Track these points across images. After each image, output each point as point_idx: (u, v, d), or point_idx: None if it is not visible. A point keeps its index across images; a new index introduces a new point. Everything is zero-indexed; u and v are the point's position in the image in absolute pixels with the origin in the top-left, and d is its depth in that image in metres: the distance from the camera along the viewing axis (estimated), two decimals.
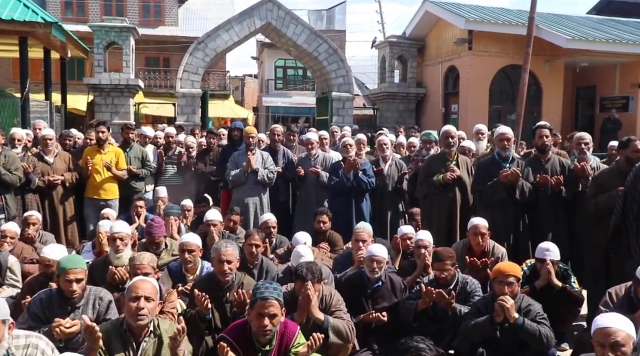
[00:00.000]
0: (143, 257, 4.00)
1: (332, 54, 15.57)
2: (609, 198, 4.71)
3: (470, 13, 15.44)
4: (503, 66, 15.15)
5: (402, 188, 6.50)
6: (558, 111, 15.53)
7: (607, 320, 2.87)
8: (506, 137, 5.35)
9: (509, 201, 5.22)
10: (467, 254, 4.77)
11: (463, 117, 15.02)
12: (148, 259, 3.99)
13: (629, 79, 15.49)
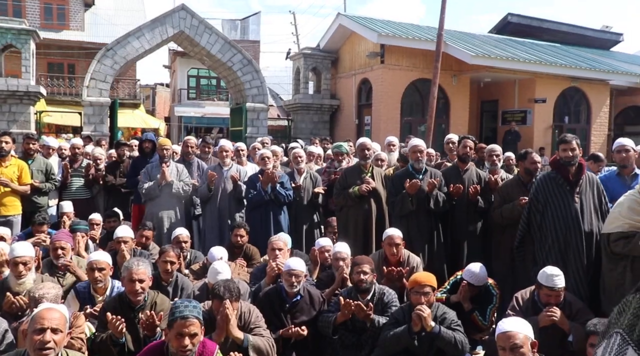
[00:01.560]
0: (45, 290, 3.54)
1: (247, 64, 15.47)
2: (512, 207, 4.98)
3: (383, 28, 15.91)
4: (414, 79, 15.71)
5: (317, 201, 6.52)
6: (464, 123, 16.30)
7: (507, 325, 3.10)
8: (419, 149, 5.51)
9: (423, 211, 5.38)
10: (383, 264, 4.85)
11: (376, 128, 15.39)
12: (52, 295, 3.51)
13: (527, 94, 16.59)
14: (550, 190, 4.54)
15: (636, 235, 3.98)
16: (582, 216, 4.45)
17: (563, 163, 4.53)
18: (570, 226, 4.43)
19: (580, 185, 4.52)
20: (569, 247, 4.43)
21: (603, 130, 17.93)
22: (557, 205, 4.49)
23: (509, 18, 21.63)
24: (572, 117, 17.67)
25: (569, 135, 4.63)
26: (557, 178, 4.55)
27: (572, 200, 4.48)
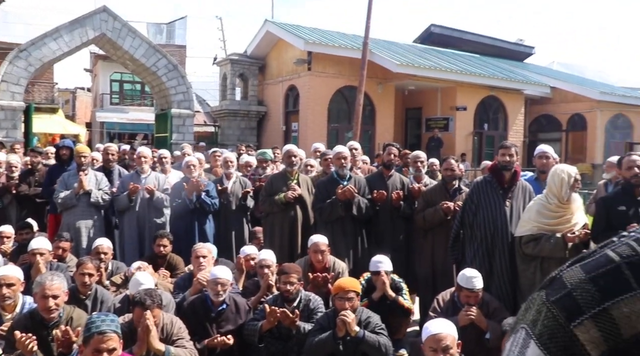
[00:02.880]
0: None
1: (172, 69, 15.14)
2: (434, 212, 5.16)
3: (310, 35, 16.07)
4: (340, 87, 15.95)
5: (246, 205, 6.47)
6: (390, 130, 16.71)
7: (436, 327, 3.17)
8: (343, 155, 5.59)
9: (348, 217, 5.45)
10: (309, 271, 4.88)
11: (303, 134, 15.49)
12: None
13: (449, 102, 17.25)
14: (485, 193, 4.75)
15: (543, 237, 4.22)
16: (511, 220, 4.67)
17: (500, 168, 4.74)
18: (498, 228, 4.64)
19: (513, 190, 4.75)
20: (495, 248, 4.64)
21: (519, 136, 18.90)
22: (489, 208, 4.70)
23: (432, 29, 22.43)
24: (491, 124, 18.53)
25: (508, 142, 4.91)
26: (493, 182, 4.78)
27: (503, 204, 4.70)
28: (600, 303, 0.54)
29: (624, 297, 0.54)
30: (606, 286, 0.55)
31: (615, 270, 0.56)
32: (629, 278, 0.55)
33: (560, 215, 4.30)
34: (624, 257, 0.57)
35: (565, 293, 0.57)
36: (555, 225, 4.28)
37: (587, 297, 0.55)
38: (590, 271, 0.57)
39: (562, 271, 0.60)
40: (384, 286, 4.55)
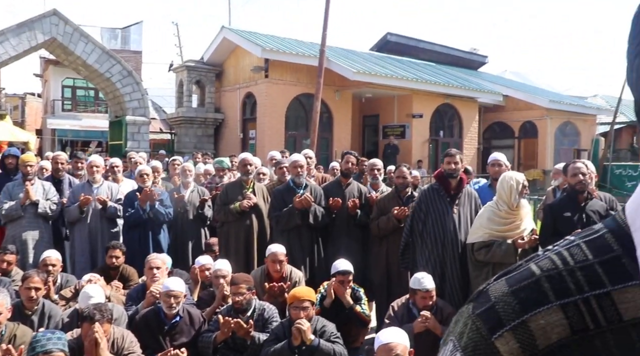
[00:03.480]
0: None
1: (127, 75, 14.87)
2: (387, 219, 5.21)
3: (267, 42, 16.05)
4: (298, 94, 15.98)
5: (204, 214, 6.39)
6: (347, 137, 16.82)
7: (387, 337, 3.21)
8: (299, 164, 5.59)
9: (305, 225, 5.45)
10: (266, 280, 4.84)
11: (261, 142, 15.44)
12: None
13: (405, 109, 17.50)
14: (432, 201, 4.83)
15: (495, 244, 4.32)
16: (460, 226, 4.76)
17: (446, 176, 4.82)
18: (447, 235, 4.72)
19: (459, 197, 4.84)
20: (446, 255, 4.72)
21: (473, 143, 19.33)
22: (437, 215, 4.77)
23: (389, 37, 22.75)
24: (446, 131, 18.90)
25: (453, 150, 4.96)
26: (440, 190, 4.86)
27: (450, 211, 4.78)
28: (520, 316, 0.55)
29: (541, 309, 0.55)
30: (526, 299, 0.56)
31: (536, 283, 0.57)
32: (547, 291, 0.56)
33: (510, 221, 4.41)
34: (544, 270, 0.58)
35: (489, 306, 0.58)
36: (506, 231, 4.39)
37: (508, 310, 0.56)
38: (513, 284, 0.58)
39: (489, 284, 0.61)
40: (341, 294, 4.57)
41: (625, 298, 0.55)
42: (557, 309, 0.55)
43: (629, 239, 0.58)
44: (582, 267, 0.57)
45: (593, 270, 0.57)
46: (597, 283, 0.56)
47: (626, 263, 0.57)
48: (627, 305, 0.54)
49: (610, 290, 0.55)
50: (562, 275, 0.57)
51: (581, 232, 0.63)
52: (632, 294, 0.55)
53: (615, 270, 0.56)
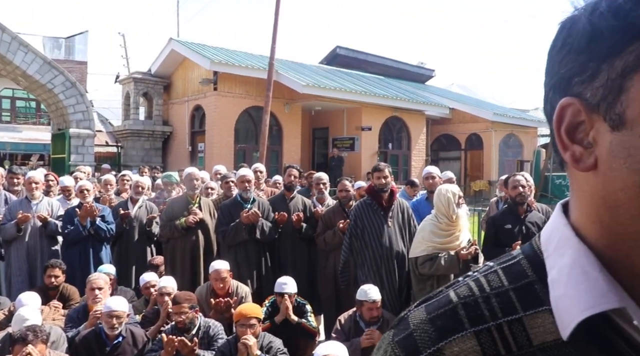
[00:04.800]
0: None
1: (70, 86, 14.46)
2: (333, 234, 5.25)
3: (216, 55, 15.95)
4: (247, 107, 15.93)
5: (151, 231, 6.26)
6: (297, 150, 16.85)
7: (325, 351, 3.24)
8: (247, 179, 5.56)
9: (251, 240, 5.42)
10: (212, 296, 4.78)
11: (209, 155, 15.28)
12: None
13: (354, 122, 17.70)
14: (367, 215, 4.89)
15: (438, 256, 4.41)
16: (394, 238, 4.84)
17: (377, 190, 4.89)
18: (383, 248, 4.79)
19: (392, 210, 4.92)
20: (382, 267, 4.78)
21: (422, 155, 19.72)
22: (373, 229, 4.84)
23: (338, 50, 23.00)
24: (395, 143, 19.21)
25: (382, 164, 5.02)
26: (372, 204, 4.92)
27: (385, 223, 4.85)
28: (435, 343, 0.57)
29: (456, 337, 0.57)
30: (442, 326, 0.58)
31: (452, 311, 0.59)
32: (463, 318, 0.58)
33: (450, 233, 4.52)
34: (461, 297, 0.60)
35: (408, 334, 0.60)
36: (447, 242, 4.49)
37: (424, 337, 0.58)
38: (431, 311, 0.60)
39: (410, 311, 0.63)
40: (287, 310, 4.55)
41: (536, 323, 0.57)
42: (471, 336, 0.57)
43: (542, 265, 0.60)
44: (497, 294, 0.60)
45: (507, 296, 0.59)
46: (510, 309, 0.58)
47: (538, 289, 0.59)
48: (536, 330, 0.57)
49: (522, 316, 0.57)
50: (478, 302, 0.59)
51: (500, 258, 0.65)
52: (542, 319, 0.57)
53: (528, 296, 0.59)
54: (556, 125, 0.59)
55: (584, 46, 0.55)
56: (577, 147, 0.57)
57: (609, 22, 0.53)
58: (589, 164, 0.56)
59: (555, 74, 0.59)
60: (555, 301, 0.57)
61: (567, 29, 0.58)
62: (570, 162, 0.58)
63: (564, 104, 0.57)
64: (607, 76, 0.54)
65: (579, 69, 0.56)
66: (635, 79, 0.52)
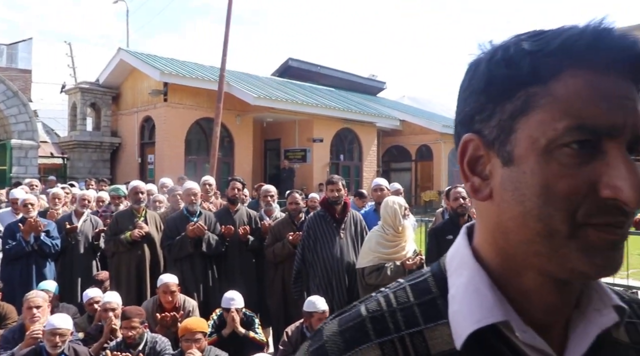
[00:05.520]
0: None
1: (12, 96, 14.01)
2: (282, 246, 5.29)
3: (166, 66, 15.77)
4: (198, 118, 15.80)
5: (98, 245, 6.13)
6: (249, 161, 16.81)
7: None
8: (193, 192, 5.54)
9: (198, 254, 5.39)
10: (158, 311, 4.73)
11: (160, 167, 15.05)
12: None
13: (306, 134, 17.81)
14: (320, 227, 4.96)
15: (385, 267, 4.51)
16: (346, 250, 4.92)
17: (330, 203, 4.97)
18: (334, 259, 4.86)
19: (345, 222, 5.01)
20: (333, 277, 4.85)
21: (373, 166, 19.99)
22: (325, 241, 4.91)
23: (290, 62, 23.12)
24: (347, 155, 19.42)
25: (335, 177, 5.11)
26: (325, 216, 5.00)
27: (337, 235, 4.93)
28: (343, 353, 0.63)
29: (362, 347, 0.63)
30: (350, 338, 0.64)
31: (361, 324, 0.65)
32: (370, 330, 0.64)
33: (397, 244, 4.63)
34: (370, 311, 0.66)
35: (320, 345, 0.65)
36: (393, 253, 4.59)
37: (334, 348, 0.64)
38: (342, 324, 0.66)
39: (326, 323, 0.69)
40: (234, 323, 4.56)
41: (435, 335, 0.63)
42: (375, 347, 0.62)
43: (445, 283, 0.67)
44: (402, 308, 0.66)
45: (412, 311, 0.66)
46: (413, 322, 0.64)
47: (440, 304, 0.65)
48: (435, 340, 0.63)
49: (424, 328, 0.64)
50: (384, 316, 0.65)
51: (410, 276, 0.72)
52: (440, 331, 0.63)
53: (430, 310, 0.65)
54: (459, 157, 0.66)
55: (483, 88, 0.62)
56: (476, 178, 0.65)
57: (502, 70, 0.60)
58: (486, 194, 0.64)
59: (461, 110, 0.66)
60: (452, 315, 0.63)
61: (472, 71, 0.65)
62: (470, 191, 0.66)
63: (466, 139, 0.65)
64: (500, 117, 0.61)
65: (479, 108, 0.63)
66: (522, 122, 0.59)
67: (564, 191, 0.57)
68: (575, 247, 0.57)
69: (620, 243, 0.59)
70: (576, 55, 0.58)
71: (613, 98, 0.57)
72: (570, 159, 0.57)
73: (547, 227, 0.58)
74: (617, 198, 0.56)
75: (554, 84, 0.58)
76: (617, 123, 0.57)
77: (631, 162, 0.57)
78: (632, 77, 0.59)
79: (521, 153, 0.59)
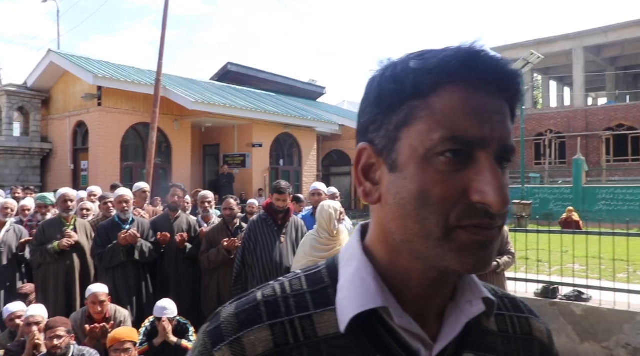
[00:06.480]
0: None
1: None
2: (217, 252, 5.24)
3: (100, 69, 15.30)
4: (134, 123, 15.41)
5: (23, 256, 5.85)
6: (187, 167, 16.53)
7: None
8: (125, 199, 5.40)
9: (130, 262, 5.26)
10: (87, 322, 4.57)
11: (94, 173, 14.56)
12: None
13: (245, 139, 17.71)
14: (261, 230, 4.95)
15: None
16: (286, 254, 4.93)
17: (275, 211, 4.98)
18: (274, 262, 4.86)
19: (286, 226, 5.02)
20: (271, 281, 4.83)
21: (313, 171, 20.09)
22: (265, 244, 4.90)
23: (229, 67, 22.93)
24: (286, 160, 19.43)
25: (283, 185, 5.08)
26: (268, 220, 5.00)
27: (278, 240, 4.93)
28: (236, 333, 0.68)
29: (254, 328, 0.68)
30: (244, 319, 0.69)
31: (255, 307, 0.70)
32: (263, 313, 0.70)
33: (331, 247, 4.67)
34: (265, 296, 0.72)
35: (217, 325, 0.70)
36: (327, 257, 4.63)
37: (229, 328, 0.68)
38: (239, 307, 0.71)
39: (225, 307, 0.73)
40: (165, 332, 4.47)
41: (323, 319, 0.70)
42: (266, 328, 0.68)
43: (337, 273, 0.74)
44: (295, 295, 0.72)
45: (303, 297, 0.72)
46: (303, 307, 0.71)
47: (330, 292, 0.72)
48: (323, 324, 0.69)
49: (313, 313, 0.70)
50: (278, 300, 0.71)
51: (308, 268, 0.78)
52: (328, 316, 0.70)
53: (321, 297, 0.72)
54: (355, 164, 0.72)
55: (375, 102, 0.69)
56: (368, 183, 0.71)
57: (390, 85, 0.67)
58: (375, 198, 0.70)
59: (360, 121, 0.72)
60: (339, 301, 0.70)
61: (369, 85, 0.71)
62: (362, 195, 0.72)
63: (360, 148, 0.71)
64: (387, 128, 0.67)
65: (372, 119, 0.69)
66: (404, 133, 0.66)
67: (438, 196, 0.63)
68: (448, 247, 0.63)
69: (490, 243, 0.64)
70: (451, 73, 0.64)
71: (483, 113, 0.64)
72: (445, 167, 0.63)
73: (423, 229, 0.64)
74: (484, 202, 0.62)
75: (433, 98, 0.64)
76: (485, 135, 0.63)
77: (496, 170, 0.63)
78: (501, 93, 0.66)
79: (403, 161, 0.65)
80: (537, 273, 6.16)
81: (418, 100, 0.65)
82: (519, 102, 0.69)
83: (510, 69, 0.66)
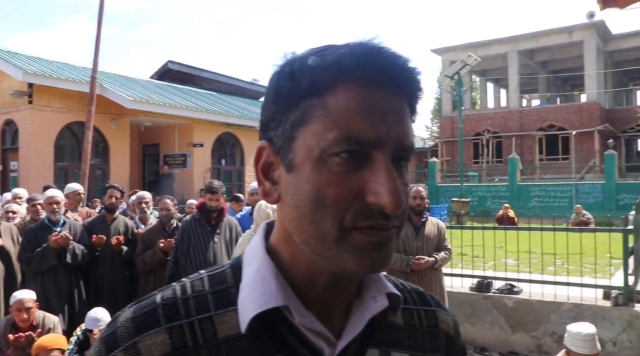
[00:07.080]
0: None
1: None
2: (153, 253, 5.12)
3: (30, 65, 14.67)
4: (68, 122, 14.88)
5: None
6: (126, 167, 16.10)
7: None
8: (55, 200, 5.19)
9: (62, 266, 5.06)
10: (12, 331, 4.36)
11: (25, 175, 13.95)
12: None
13: (186, 138, 17.41)
14: (194, 231, 4.87)
15: None
16: (220, 254, 4.87)
17: (208, 211, 4.91)
18: (207, 263, 4.81)
19: (220, 227, 4.96)
20: None
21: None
22: (199, 245, 4.83)
23: (170, 65, 22.48)
24: (228, 159, 19.24)
25: (215, 185, 5.01)
26: (201, 220, 4.92)
27: (212, 240, 4.87)
28: (132, 338, 0.65)
29: (150, 332, 0.65)
30: (141, 323, 0.66)
31: (153, 310, 0.67)
32: (160, 316, 0.66)
33: None
34: (164, 299, 0.69)
35: (112, 331, 0.67)
36: None
37: (124, 333, 0.65)
38: (136, 311, 0.68)
39: (123, 311, 0.70)
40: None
41: (223, 320, 0.67)
42: (163, 331, 0.65)
43: (241, 273, 0.71)
44: (195, 296, 0.69)
45: (205, 298, 0.69)
46: (204, 309, 0.68)
47: (233, 292, 0.69)
48: (223, 325, 0.67)
49: (213, 314, 0.68)
50: (177, 303, 0.68)
51: (212, 268, 0.75)
52: (229, 317, 0.67)
53: (223, 298, 0.69)
54: (255, 162, 0.70)
55: (273, 99, 0.67)
56: (268, 183, 0.69)
57: (287, 83, 0.65)
58: (275, 198, 0.68)
59: (261, 118, 0.70)
60: (241, 301, 0.68)
61: (270, 81, 0.69)
62: (262, 194, 0.70)
63: (260, 146, 0.69)
64: (284, 127, 0.65)
65: (271, 117, 0.67)
66: (301, 132, 0.64)
67: (333, 197, 0.61)
68: (344, 249, 0.62)
69: (386, 243, 0.64)
70: (347, 71, 0.62)
71: (379, 113, 0.62)
72: (340, 167, 0.62)
73: (318, 231, 0.63)
74: (379, 203, 0.61)
75: (329, 97, 0.62)
76: (380, 136, 0.62)
77: (392, 170, 0.62)
78: (400, 92, 0.65)
79: (299, 161, 0.64)
80: (473, 269, 6.35)
81: (314, 98, 0.63)
82: (419, 100, 0.68)
83: (409, 67, 0.65)
